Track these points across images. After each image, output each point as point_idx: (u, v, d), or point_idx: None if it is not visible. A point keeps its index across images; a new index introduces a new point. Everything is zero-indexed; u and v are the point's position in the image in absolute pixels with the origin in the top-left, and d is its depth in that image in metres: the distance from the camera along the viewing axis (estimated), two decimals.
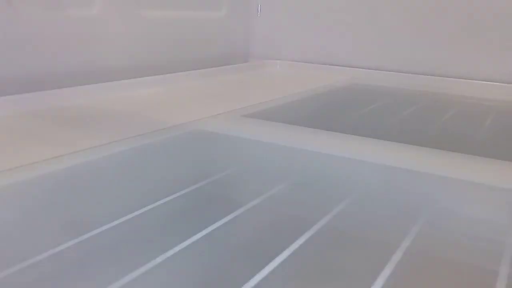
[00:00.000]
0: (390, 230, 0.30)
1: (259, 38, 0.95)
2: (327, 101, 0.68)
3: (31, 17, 0.54)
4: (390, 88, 0.77)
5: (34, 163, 0.33)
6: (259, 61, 0.93)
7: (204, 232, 0.27)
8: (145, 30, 0.69)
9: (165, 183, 0.35)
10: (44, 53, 0.56)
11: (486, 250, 0.28)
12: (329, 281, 0.24)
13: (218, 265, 0.25)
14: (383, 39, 0.84)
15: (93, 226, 0.27)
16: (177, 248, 0.25)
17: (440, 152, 0.39)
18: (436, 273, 0.25)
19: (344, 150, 0.38)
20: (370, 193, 0.35)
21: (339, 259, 0.27)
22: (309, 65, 0.91)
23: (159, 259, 0.24)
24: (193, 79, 0.74)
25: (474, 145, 0.46)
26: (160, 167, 0.38)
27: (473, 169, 0.35)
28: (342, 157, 0.38)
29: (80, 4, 0.60)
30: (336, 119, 0.57)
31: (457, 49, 0.78)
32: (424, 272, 0.25)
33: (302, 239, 0.27)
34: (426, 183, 0.34)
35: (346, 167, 0.37)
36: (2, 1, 0.51)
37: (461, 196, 0.33)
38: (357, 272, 0.25)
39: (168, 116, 0.50)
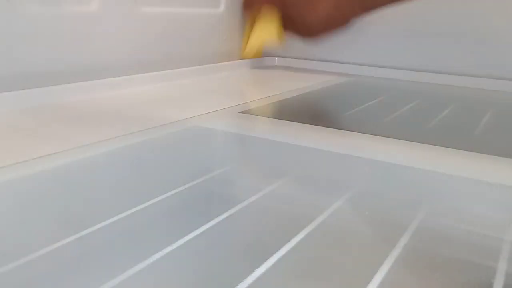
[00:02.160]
0: (388, 227, 0.30)
1: None
2: (326, 98, 0.68)
3: (28, 13, 0.54)
4: (389, 84, 0.77)
5: (30, 160, 0.33)
6: (258, 58, 0.93)
7: (201, 229, 0.27)
8: (143, 26, 0.69)
9: (162, 180, 0.35)
10: (40, 50, 0.56)
11: (485, 246, 0.28)
12: (328, 277, 0.24)
13: (216, 262, 0.25)
14: (382, 35, 0.84)
15: (90, 223, 0.27)
16: (175, 245, 0.25)
17: (438, 149, 0.39)
18: (434, 269, 0.25)
19: (342, 147, 0.38)
20: (368, 189, 0.35)
21: (338, 255, 0.27)
22: (307, 62, 0.91)
23: (157, 256, 0.24)
24: (190, 76, 0.74)
25: (472, 142, 0.46)
26: (157, 164, 0.38)
27: (471, 165, 0.35)
28: (340, 153, 0.38)
29: (77, 0, 0.59)
30: (335, 115, 0.57)
31: (455, 45, 0.78)
32: (422, 268, 0.25)
33: (300, 236, 0.27)
34: (424, 179, 0.34)
35: (345, 163, 0.37)
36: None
37: (460, 193, 0.33)
38: (356, 268, 0.25)
39: (165, 112, 0.50)
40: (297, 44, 0.92)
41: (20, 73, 0.54)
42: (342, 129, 0.44)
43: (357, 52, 0.86)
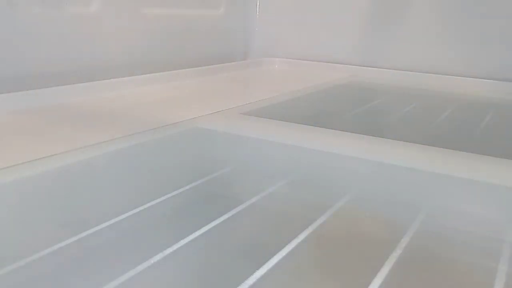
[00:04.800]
0: (388, 228, 0.30)
1: (258, 36, 0.95)
2: (326, 99, 0.68)
3: (30, 14, 0.54)
4: (389, 86, 0.77)
5: (31, 161, 0.33)
6: (258, 59, 0.93)
7: (202, 230, 0.27)
8: (144, 27, 0.69)
9: (163, 181, 0.35)
10: (42, 51, 0.56)
11: (485, 247, 0.28)
12: (328, 278, 0.24)
13: (217, 263, 0.25)
14: (382, 36, 0.84)
15: (91, 224, 0.27)
16: (175, 246, 0.25)
17: (438, 150, 0.39)
18: (435, 270, 0.26)
19: (343, 148, 0.38)
20: (368, 191, 0.35)
21: (339, 256, 0.27)
22: (308, 63, 0.91)
23: (157, 257, 0.24)
24: (192, 77, 0.74)
25: (472, 143, 0.46)
26: (158, 165, 0.38)
27: (471, 167, 0.35)
28: (340, 154, 0.38)
29: (79, 1, 0.60)
30: (335, 117, 0.57)
31: (455, 46, 0.78)
32: (422, 270, 0.25)
33: (301, 237, 0.27)
34: (424, 181, 0.34)
35: (345, 164, 0.37)
36: (3, 1, 0.51)
37: (460, 194, 0.33)
38: (356, 269, 0.25)
39: (167, 114, 0.50)
40: (298, 45, 0.92)
41: (21, 74, 0.54)
42: (342, 130, 0.44)
43: (357, 53, 0.86)
